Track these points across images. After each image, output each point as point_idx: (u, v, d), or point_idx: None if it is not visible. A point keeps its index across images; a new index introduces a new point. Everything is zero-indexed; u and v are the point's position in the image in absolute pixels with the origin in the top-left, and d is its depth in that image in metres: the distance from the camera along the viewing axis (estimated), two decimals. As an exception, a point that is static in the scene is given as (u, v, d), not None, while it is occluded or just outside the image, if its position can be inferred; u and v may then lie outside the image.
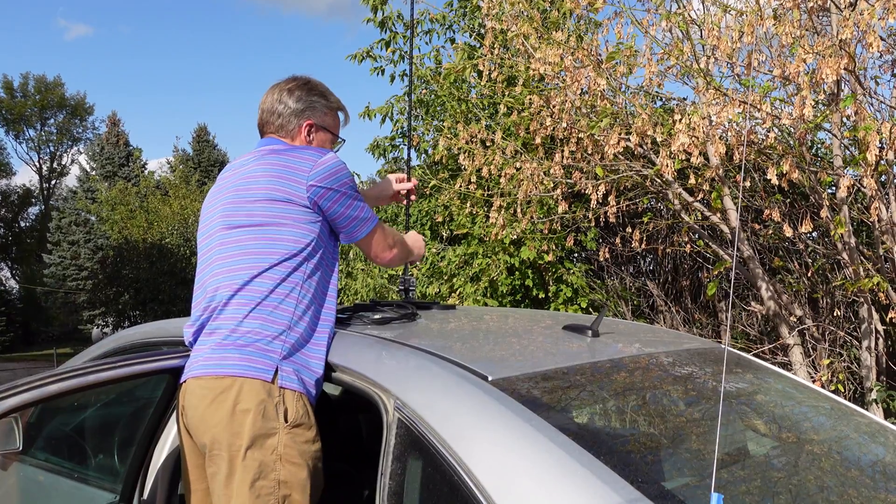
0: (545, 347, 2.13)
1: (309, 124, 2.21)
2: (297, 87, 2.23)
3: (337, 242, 2.14)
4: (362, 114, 7.66)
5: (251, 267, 1.95)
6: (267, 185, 2.02)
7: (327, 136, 2.27)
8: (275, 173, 2.04)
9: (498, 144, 5.43)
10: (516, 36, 5.19)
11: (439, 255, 6.97)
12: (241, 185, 2.07)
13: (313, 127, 2.22)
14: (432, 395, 1.60)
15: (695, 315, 6.18)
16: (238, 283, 1.95)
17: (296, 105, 2.20)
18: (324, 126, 2.25)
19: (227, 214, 2.06)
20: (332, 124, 2.29)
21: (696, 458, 1.73)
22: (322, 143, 2.24)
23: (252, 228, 2.00)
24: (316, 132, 2.23)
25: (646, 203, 5.74)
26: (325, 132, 2.26)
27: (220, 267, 2.00)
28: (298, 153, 2.08)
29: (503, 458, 1.40)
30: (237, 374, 1.85)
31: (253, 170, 2.08)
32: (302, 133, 2.21)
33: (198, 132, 37.40)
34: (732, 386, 2.18)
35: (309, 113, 2.22)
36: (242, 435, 1.80)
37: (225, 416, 1.82)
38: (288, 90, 2.22)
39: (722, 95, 4.00)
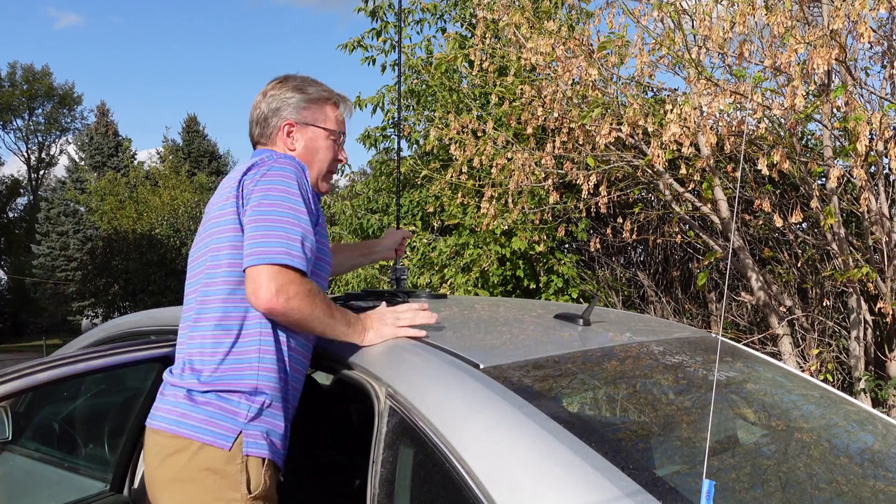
0: (536, 336, 2.13)
1: (288, 124, 1.96)
2: (273, 86, 2.01)
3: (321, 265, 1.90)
4: (353, 104, 7.62)
5: (213, 307, 1.77)
6: (214, 204, 1.85)
7: (316, 132, 1.99)
8: (219, 190, 1.86)
9: (489, 135, 5.42)
10: (507, 25, 5.18)
11: (430, 246, 6.97)
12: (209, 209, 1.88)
13: (293, 126, 1.97)
14: (424, 383, 1.59)
15: (685, 305, 6.20)
16: (204, 331, 1.76)
17: (269, 106, 1.97)
18: (305, 122, 1.97)
19: (195, 242, 1.91)
20: (316, 118, 2.00)
21: (687, 446, 1.74)
22: (312, 143, 1.99)
23: (212, 262, 1.82)
24: (299, 131, 1.97)
25: (637, 194, 5.75)
26: (309, 128, 1.98)
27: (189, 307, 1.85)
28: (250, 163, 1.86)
29: (495, 445, 1.40)
30: (194, 437, 1.67)
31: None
32: (282, 135, 1.97)
33: (188, 122, 37.24)
34: (723, 374, 2.19)
35: (285, 111, 1.96)
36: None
37: (169, 482, 1.68)
38: (263, 93, 2.00)
39: (713, 86, 4.00)
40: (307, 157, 1.97)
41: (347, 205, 8.35)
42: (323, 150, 2.01)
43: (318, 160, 2.00)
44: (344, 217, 8.27)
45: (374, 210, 8.03)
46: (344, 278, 7.66)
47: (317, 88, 2.02)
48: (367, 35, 7.65)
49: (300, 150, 1.97)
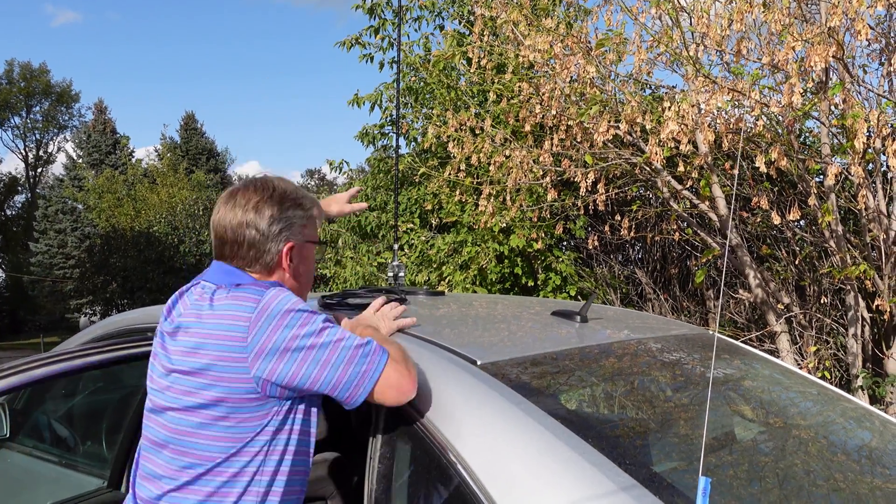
0: (534, 333, 2.13)
1: (290, 247, 1.72)
2: (265, 201, 1.71)
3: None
4: (351, 101, 7.63)
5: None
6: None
7: (310, 249, 1.80)
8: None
9: (487, 132, 5.42)
10: (505, 23, 5.18)
11: (428, 244, 6.97)
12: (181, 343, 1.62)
13: (294, 249, 1.73)
14: (421, 379, 1.59)
15: (683, 303, 6.20)
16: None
17: (269, 227, 1.69)
18: (307, 241, 1.77)
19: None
20: (313, 235, 1.80)
21: (684, 443, 1.74)
22: (308, 262, 1.80)
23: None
24: (298, 253, 1.75)
25: (635, 191, 5.75)
26: (305, 246, 1.77)
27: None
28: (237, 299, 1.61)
29: (492, 440, 1.40)
30: None
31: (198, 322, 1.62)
32: (283, 262, 1.71)
33: (186, 120, 37.21)
34: (720, 371, 2.19)
35: (287, 233, 1.71)
36: None
37: None
38: (255, 207, 1.69)
39: (711, 83, 4.00)
40: (306, 277, 1.80)
41: (345, 202, 8.32)
42: (312, 264, 1.83)
43: (311, 277, 1.83)
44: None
45: (373, 208, 8.02)
46: (341, 275, 7.66)
47: (307, 197, 1.80)
48: (365, 32, 7.65)
49: (295, 270, 1.76)
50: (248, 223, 1.68)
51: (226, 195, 1.75)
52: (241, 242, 1.69)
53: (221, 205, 1.73)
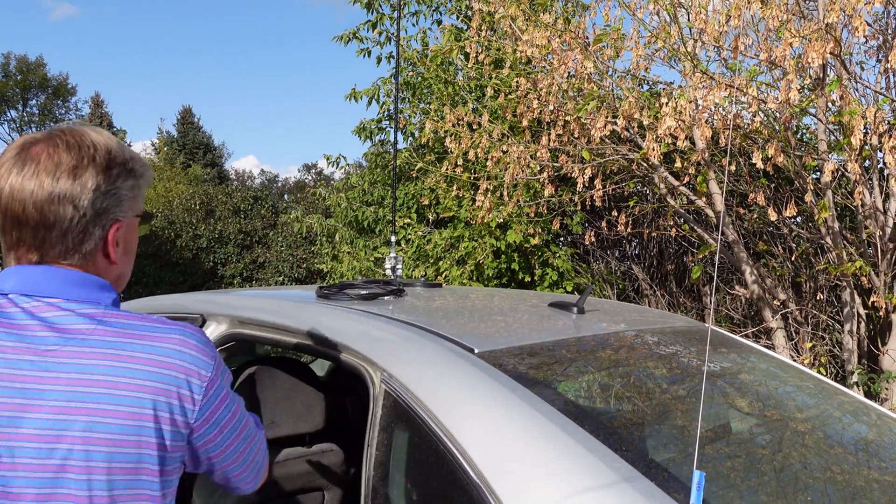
0: (531, 323, 2.13)
1: (118, 229, 1.24)
2: (86, 166, 1.20)
3: None
4: (349, 96, 7.62)
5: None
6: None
7: (136, 229, 1.32)
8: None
9: (485, 127, 5.42)
10: (503, 18, 5.18)
11: (425, 239, 6.97)
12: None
13: (121, 230, 1.25)
14: (419, 368, 1.60)
15: (679, 299, 6.22)
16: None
17: (93, 203, 1.19)
18: (136, 216, 1.30)
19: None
20: (141, 207, 1.32)
21: (680, 435, 1.75)
22: (132, 243, 1.32)
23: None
24: (125, 236, 1.27)
25: (632, 187, 5.76)
26: (133, 227, 1.31)
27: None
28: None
29: (489, 428, 1.40)
30: None
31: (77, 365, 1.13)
32: (109, 249, 1.24)
33: (182, 114, 37.14)
34: (717, 365, 2.20)
35: (115, 211, 1.23)
36: None
37: None
38: (71, 174, 1.18)
39: (709, 79, 4.01)
40: (129, 265, 1.33)
41: (343, 197, 8.34)
42: (136, 246, 1.35)
43: (132, 262, 1.35)
44: (339, 209, 8.26)
45: (370, 202, 8.02)
46: (338, 270, 7.67)
47: (139, 161, 1.31)
48: (362, 27, 7.64)
49: (120, 257, 1.28)
50: (61, 197, 1.17)
51: (16, 152, 1.19)
52: (50, 225, 1.18)
53: (11, 167, 1.18)
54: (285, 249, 17.36)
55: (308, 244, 16.71)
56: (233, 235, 17.80)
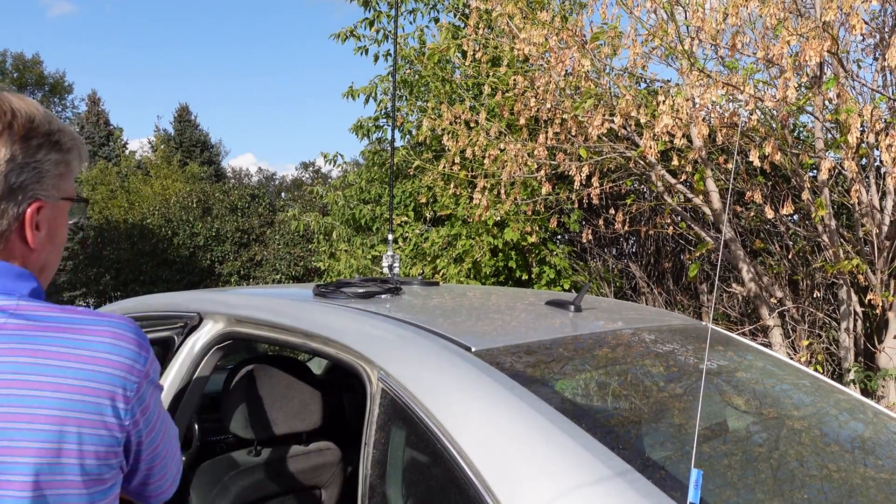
0: (528, 322, 2.13)
1: (38, 209, 1.11)
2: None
3: None
4: (346, 94, 7.62)
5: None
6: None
7: (65, 213, 1.18)
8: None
9: (482, 125, 5.41)
10: (501, 16, 5.17)
11: (423, 237, 6.97)
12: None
13: (43, 211, 1.12)
14: (416, 366, 1.59)
15: (677, 297, 6.22)
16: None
17: (6, 177, 1.06)
18: (62, 198, 1.16)
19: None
20: (71, 189, 1.18)
21: (677, 433, 1.75)
22: (60, 228, 1.17)
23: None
24: (49, 218, 1.14)
25: (629, 185, 5.76)
26: (61, 210, 1.17)
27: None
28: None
29: (486, 426, 1.40)
30: None
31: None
32: (27, 232, 1.10)
33: (179, 112, 37.06)
34: (714, 363, 2.20)
35: (35, 188, 1.10)
36: None
37: None
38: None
39: (706, 77, 4.01)
40: (56, 254, 1.19)
41: (340, 195, 8.33)
42: (65, 234, 1.22)
43: (60, 253, 1.21)
44: (336, 207, 8.26)
45: (367, 200, 8.02)
46: (335, 268, 7.66)
47: (67, 133, 1.16)
48: (359, 25, 7.64)
49: (42, 243, 1.14)
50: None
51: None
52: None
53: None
54: (282, 247, 17.35)
55: (305, 242, 16.70)
56: (230, 233, 17.79)
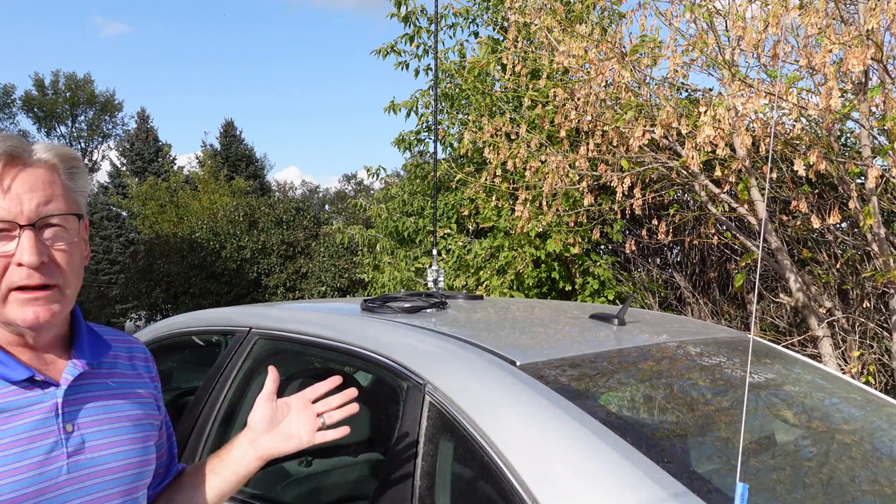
0: (572, 335, 2.16)
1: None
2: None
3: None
4: (387, 108, 7.72)
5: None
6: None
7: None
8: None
9: (523, 137, 5.44)
10: (539, 29, 5.20)
11: (465, 249, 7.01)
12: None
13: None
14: (462, 379, 1.63)
15: (723, 307, 6.15)
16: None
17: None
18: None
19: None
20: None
21: (723, 446, 1.75)
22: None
23: None
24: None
25: (672, 195, 5.73)
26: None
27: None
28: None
29: (533, 439, 1.43)
30: None
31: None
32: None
33: (225, 127, 37.72)
34: (761, 376, 2.19)
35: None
36: None
37: None
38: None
39: (747, 87, 3.99)
40: None
41: (383, 208, 8.42)
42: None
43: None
44: (380, 220, 8.35)
45: (410, 213, 8.09)
46: (380, 280, 7.74)
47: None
48: (400, 40, 7.73)
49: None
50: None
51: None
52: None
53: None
54: (327, 260, 17.52)
55: (349, 254, 16.85)
56: (276, 246, 18.03)
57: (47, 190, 1.20)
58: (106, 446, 1.26)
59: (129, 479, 1.29)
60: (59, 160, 1.24)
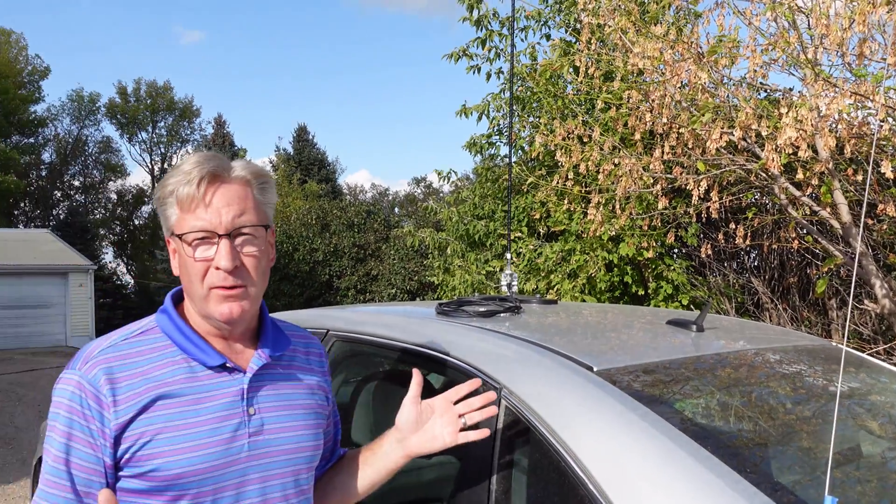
0: (648, 341, 2.14)
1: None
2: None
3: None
4: (459, 112, 7.76)
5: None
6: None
7: (181, 251, 1.43)
8: None
9: (595, 140, 5.40)
10: (614, 31, 5.15)
11: (536, 252, 6.99)
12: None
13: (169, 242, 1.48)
14: (538, 384, 1.64)
15: (803, 313, 5.97)
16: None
17: None
18: (173, 234, 1.44)
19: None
20: (180, 224, 1.41)
21: (807, 457, 1.71)
22: (185, 273, 1.43)
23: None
24: (174, 255, 1.47)
25: (750, 198, 5.59)
26: (175, 246, 1.45)
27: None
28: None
29: (610, 445, 1.43)
30: None
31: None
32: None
33: (298, 132, 38.49)
34: (845, 384, 2.13)
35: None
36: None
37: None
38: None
39: (831, 86, 3.87)
40: (183, 280, 1.46)
41: (454, 211, 8.47)
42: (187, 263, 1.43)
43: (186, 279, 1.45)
44: (451, 223, 8.40)
45: (480, 216, 8.11)
46: (450, 283, 7.78)
47: (161, 183, 1.45)
48: (472, 44, 7.76)
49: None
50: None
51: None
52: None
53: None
54: (398, 262, 17.69)
55: (420, 257, 16.98)
56: (347, 249, 18.31)
57: (241, 203, 1.40)
58: (281, 430, 1.45)
59: (298, 461, 1.48)
60: (253, 177, 1.44)
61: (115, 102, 46.06)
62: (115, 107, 46.01)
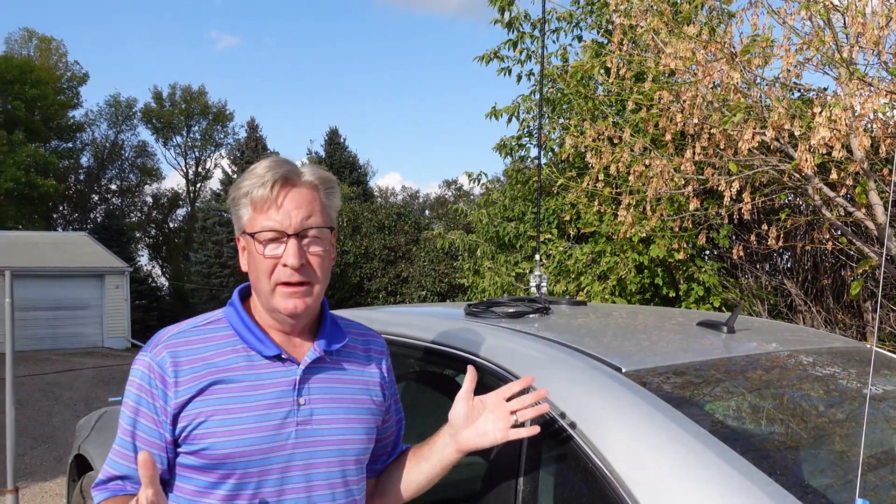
0: (679, 343, 2.13)
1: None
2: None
3: None
4: (489, 114, 7.77)
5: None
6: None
7: (251, 248, 1.52)
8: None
9: (626, 141, 5.37)
10: (646, 32, 5.12)
11: (566, 254, 6.97)
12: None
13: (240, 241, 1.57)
14: (567, 385, 1.64)
15: (837, 315, 5.88)
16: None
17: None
18: (244, 232, 1.53)
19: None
20: (252, 224, 1.51)
21: (838, 460, 1.70)
22: (254, 269, 1.52)
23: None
24: (243, 252, 1.57)
25: (783, 199, 5.52)
26: (242, 239, 1.56)
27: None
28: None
29: (639, 447, 1.43)
30: None
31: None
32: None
33: (329, 135, 38.73)
34: (879, 387, 2.10)
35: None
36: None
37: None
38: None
39: (867, 85, 3.81)
40: (251, 275, 1.55)
41: (484, 213, 8.48)
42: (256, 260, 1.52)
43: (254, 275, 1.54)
44: (480, 225, 8.40)
45: (510, 218, 8.11)
46: (480, 285, 7.79)
47: (236, 184, 1.57)
48: (503, 46, 7.76)
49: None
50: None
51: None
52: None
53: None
54: (428, 264, 17.74)
55: (450, 259, 17.00)
56: (378, 251, 18.40)
57: (309, 206, 1.50)
58: (329, 421, 1.52)
59: (345, 453, 1.54)
60: (320, 182, 1.54)
61: (151, 107, 46.79)
62: (151, 111, 46.74)
